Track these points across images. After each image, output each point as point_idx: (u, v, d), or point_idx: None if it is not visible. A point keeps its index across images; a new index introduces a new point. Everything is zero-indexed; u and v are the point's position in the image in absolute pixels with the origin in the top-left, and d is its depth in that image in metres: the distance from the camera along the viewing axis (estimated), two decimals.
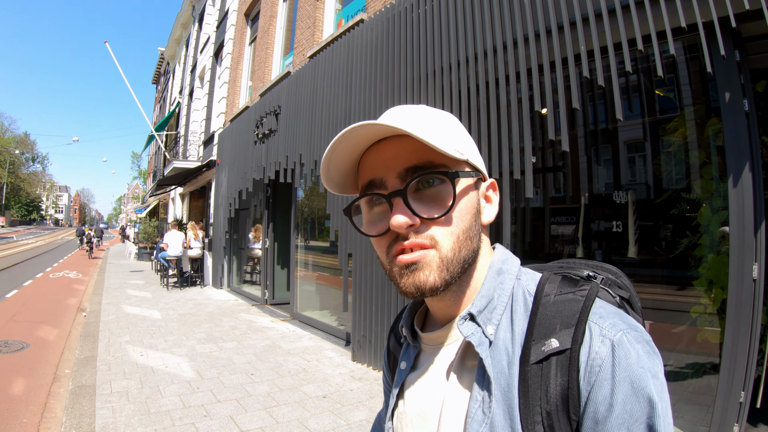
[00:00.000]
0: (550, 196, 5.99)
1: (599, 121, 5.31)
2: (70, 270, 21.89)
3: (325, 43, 8.98)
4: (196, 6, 26.39)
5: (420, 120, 0.87)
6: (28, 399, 5.96)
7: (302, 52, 10.39)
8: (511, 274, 0.92)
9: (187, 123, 23.69)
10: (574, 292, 0.83)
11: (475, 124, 5.01)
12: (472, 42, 5.25)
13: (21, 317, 10.75)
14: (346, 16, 9.63)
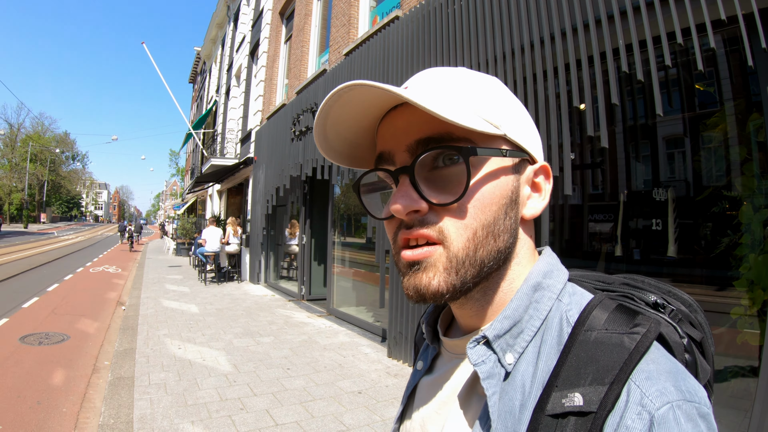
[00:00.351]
0: (588, 193, 5.94)
1: (638, 116, 5.24)
2: (110, 265, 22.41)
3: (360, 40, 9.01)
4: (231, 6, 26.69)
5: (440, 83, 0.73)
6: (68, 389, 6.14)
7: (338, 50, 10.44)
8: (551, 292, 0.73)
9: (224, 121, 23.97)
10: (626, 332, 0.62)
11: None
12: (509, 37, 5.21)
13: (62, 310, 11.05)
14: (380, 13, 9.64)
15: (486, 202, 0.69)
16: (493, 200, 0.69)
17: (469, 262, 0.68)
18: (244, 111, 19.79)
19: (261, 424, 4.80)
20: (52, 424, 5.13)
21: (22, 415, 5.32)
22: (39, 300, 12.26)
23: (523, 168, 0.74)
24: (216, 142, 23.48)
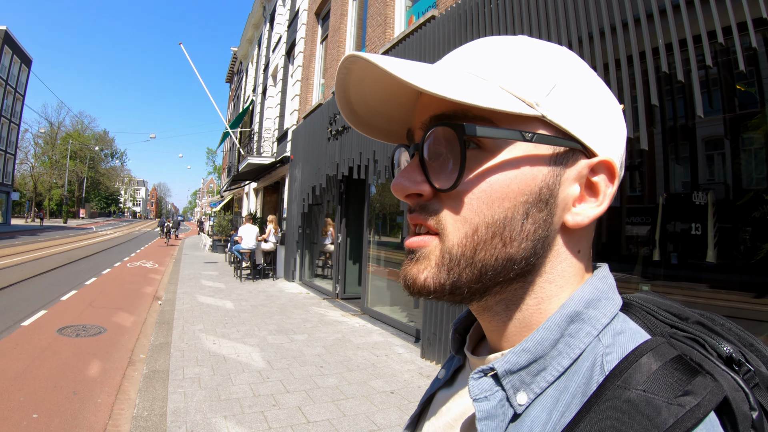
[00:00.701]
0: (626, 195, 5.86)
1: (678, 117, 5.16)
2: (147, 260, 22.71)
3: (396, 40, 9.03)
4: (267, 6, 26.93)
5: (474, 51, 0.62)
6: (104, 381, 6.26)
7: (374, 50, 10.47)
8: (591, 327, 0.58)
9: (260, 120, 24.22)
10: (669, 401, 0.47)
11: None
12: (546, 37, 5.15)
13: (99, 303, 11.27)
14: (416, 12, 9.63)
15: (495, 196, 0.56)
16: (506, 194, 0.56)
17: (464, 261, 0.58)
18: (281, 110, 19.96)
19: (293, 421, 4.85)
20: (87, 414, 5.25)
21: (58, 404, 5.45)
22: (77, 293, 12.55)
23: (572, 161, 0.59)
24: (253, 140, 23.73)
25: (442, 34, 7.09)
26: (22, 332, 8.36)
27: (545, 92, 0.56)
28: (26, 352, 7.25)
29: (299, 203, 14.32)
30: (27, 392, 5.72)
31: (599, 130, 0.59)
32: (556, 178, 0.58)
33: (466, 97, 0.52)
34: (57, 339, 8.03)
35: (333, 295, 12.48)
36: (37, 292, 12.37)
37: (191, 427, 4.66)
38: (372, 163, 8.94)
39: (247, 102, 30.61)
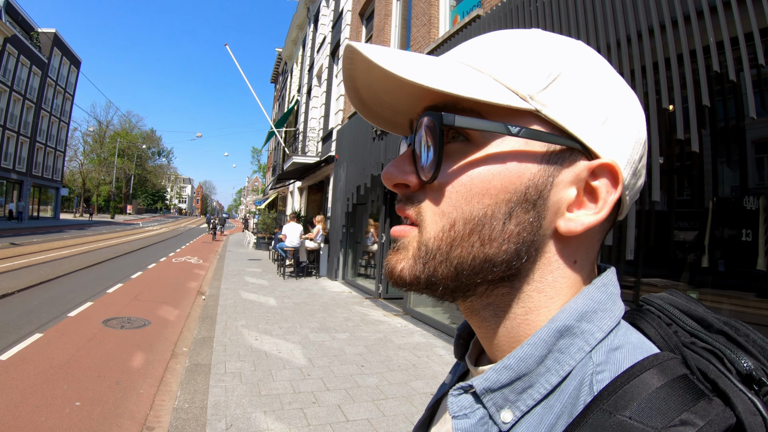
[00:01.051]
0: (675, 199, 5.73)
1: (729, 118, 5.03)
2: (192, 256, 23.02)
3: (441, 40, 9.03)
4: (311, 8, 27.14)
5: (476, 42, 0.59)
6: (146, 372, 6.40)
7: (419, 50, 10.47)
8: (584, 342, 0.52)
9: (305, 120, 24.44)
10: (671, 426, 0.42)
11: None
12: (594, 35, 5.11)
13: (144, 297, 11.49)
14: (461, 12, 9.60)
15: (475, 191, 0.53)
16: (486, 190, 0.53)
17: (440, 256, 0.55)
18: (326, 110, 20.12)
19: (332, 419, 4.86)
20: (128, 404, 5.35)
21: (100, 393, 5.57)
22: (123, 286, 12.80)
23: (569, 161, 0.54)
24: (297, 140, 23.96)
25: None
26: (68, 322, 8.58)
27: (542, 86, 0.52)
28: (72, 341, 7.44)
29: (344, 203, 14.37)
30: (71, 380, 5.87)
31: (605, 129, 0.54)
32: (548, 179, 0.53)
33: (450, 87, 0.50)
34: (102, 330, 8.24)
35: (375, 295, 12.45)
36: (84, 284, 12.72)
37: (231, 420, 4.75)
38: None
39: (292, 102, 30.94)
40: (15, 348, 6.92)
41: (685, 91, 4.27)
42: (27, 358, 6.54)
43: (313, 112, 22.73)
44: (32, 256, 18.00)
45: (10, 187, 46.63)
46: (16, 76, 44.42)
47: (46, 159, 54.06)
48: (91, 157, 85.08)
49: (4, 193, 45.50)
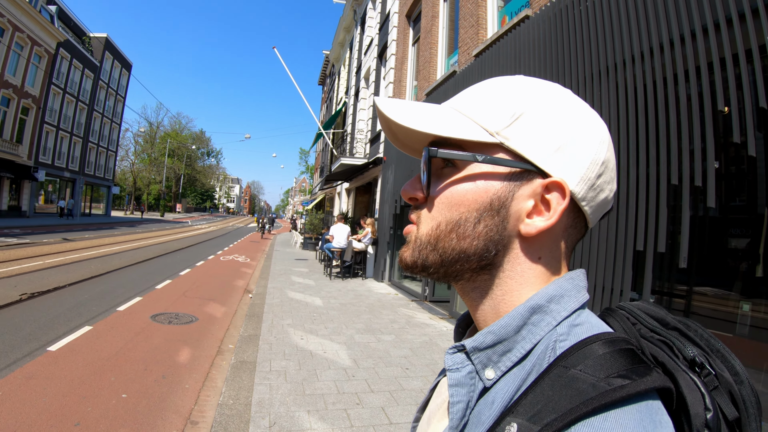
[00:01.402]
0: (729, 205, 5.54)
1: None
2: (239, 254, 23.43)
3: (490, 41, 8.97)
4: (357, 10, 27.28)
5: (466, 92, 0.78)
6: (192, 367, 6.55)
7: (467, 51, 10.43)
8: (552, 318, 0.68)
9: (353, 122, 24.53)
10: (601, 379, 0.57)
11: (653, 123, 4.80)
12: (647, 35, 5.02)
13: (192, 294, 11.78)
14: (509, 12, 9.53)
15: (453, 202, 0.72)
16: (461, 202, 0.72)
17: (430, 246, 0.74)
18: (373, 112, 20.16)
19: (375, 421, 4.89)
20: (174, 398, 5.49)
21: (147, 386, 5.73)
22: (171, 282, 13.18)
23: (527, 180, 0.71)
24: (345, 141, 24.10)
25: (536, 34, 6.99)
26: (117, 316, 8.87)
27: (506, 124, 0.70)
28: (120, 335, 7.68)
29: (391, 204, 14.39)
30: (118, 373, 6.06)
31: (557, 155, 0.69)
32: (509, 193, 0.70)
33: (437, 130, 0.71)
34: (150, 325, 8.49)
35: (422, 298, 12.43)
36: (133, 279, 13.13)
37: (274, 418, 4.81)
38: None
39: (340, 104, 31.15)
40: (65, 339, 7.18)
41: (741, 92, 4.15)
42: (76, 350, 6.79)
43: (361, 113, 22.82)
44: (84, 251, 18.61)
45: (63, 185, 48.48)
46: (70, 79, 46.16)
47: (99, 158, 56.02)
48: (142, 157, 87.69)
49: (57, 191, 47.30)
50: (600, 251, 5.30)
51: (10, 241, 19.91)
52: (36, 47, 38.71)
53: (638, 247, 4.81)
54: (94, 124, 53.72)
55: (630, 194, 4.95)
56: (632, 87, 5.11)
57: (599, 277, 5.27)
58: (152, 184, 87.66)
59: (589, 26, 5.90)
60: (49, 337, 7.20)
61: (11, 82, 36.02)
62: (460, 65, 10.66)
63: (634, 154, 4.95)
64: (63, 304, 9.37)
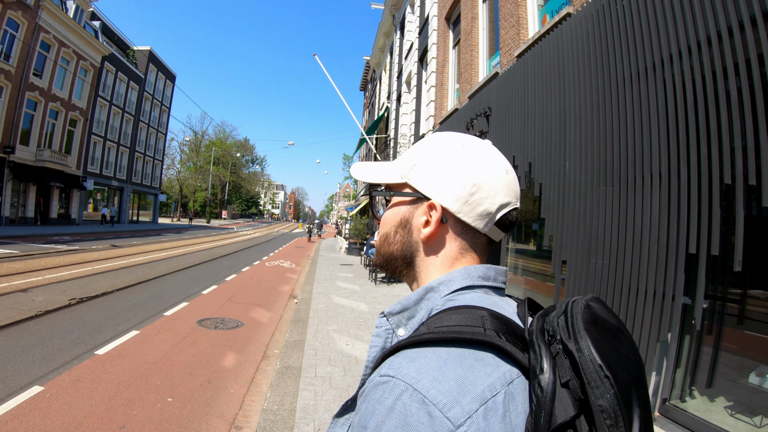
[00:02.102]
0: None
1: None
2: (285, 260, 23.81)
3: (531, 41, 8.82)
4: (396, 15, 27.35)
5: (407, 152, 1.12)
6: (238, 372, 6.62)
7: (508, 52, 10.29)
8: (438, 294, 0.95)
9: (396, 126, 24.57)
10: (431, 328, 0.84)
11: (703, 120, 4.61)
12: (693, 28, 4.84)
13: (238, 299, 11.97)
14: (550, 11, 9.37)
15: (386, 221, 1.08)
16: (388, 221, 1.07)
17: (381, 251, 1.09)
18: (416, 116, 20.15)
19: None
20: (219, 402, 5.55)
21: (192, 391, 5.81)
22: (217, 288, 13.42)
23: (421, 203, 1.02)
24: (389, 146, 24.13)
25: (579, 32, 6.83)
26: (164, 321, 9.07)
27: (408, 169, 1.04)
28: (166, 339, 7.82)
29: None
30: (164, 377, 6.17)
31: (436, 185, 1.00)
32: (411, 213, 1.03)
33: (372, 179, 1.10)
34: (196, 329, 8.63)
35: None
36: (180, 285, 13.42)
37: (319, 425, 4.81)
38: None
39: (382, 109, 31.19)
40: (112, 343, 7.37)
41: None
42: (123, 354, 6.95)
43: (404, 118, 22.81)
44: (131, 257, 19.16)
45: (111, 193, 50.27)
46: (115, 92, 47.87)
47: (145, 167, 57.77)
48: (188, 165, 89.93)
49: (105, 199, 48.97)
50: (651, 255, 5.12)
51: (60, 248, 20.62)
52: (82, 61, 40.23)
53: (690, 250, 4.63)
54: (141, 134, 55.47)
55: (681, 195, 4.77)
56: (680, 83, 4.93)
57: (650, 282, 5.09)
58: (198, 191, 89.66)
59: (633, 22, 5.73)
60: (97, 341, 7.41)
61: (59, 95, 37.53)
62: (502, 66, 10.52)
63: (684, 153, 4.77)
64: (111, 309, 9.65)
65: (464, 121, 11.65)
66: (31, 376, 5.84)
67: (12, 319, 8.18)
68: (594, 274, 6.11)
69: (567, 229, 6.75)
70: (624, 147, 5.68)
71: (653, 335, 5.03)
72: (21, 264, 14.65)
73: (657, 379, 5.16)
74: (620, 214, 5.68)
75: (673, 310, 4.80)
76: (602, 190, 6.04)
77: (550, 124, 7.38)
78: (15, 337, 7.28)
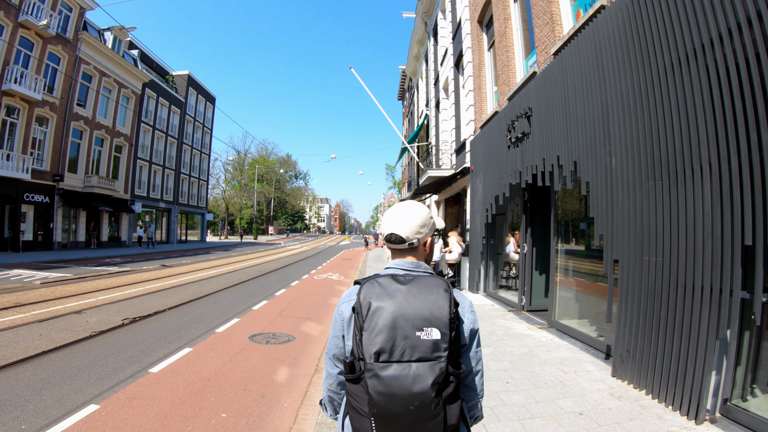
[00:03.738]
0: None
1: None
2: (333, 272, 23.86)
3: (567, 37, 8.67)
4: (428, 22, 27.38)
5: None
6: (291, 386, 6.59)
7: (545, 50, 10.14)
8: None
9: (436, 133, 24.51)
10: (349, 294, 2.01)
11: (750, 105, 4.42)
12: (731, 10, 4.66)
13: (288, 313, 12.01)
14: (583, 5, 9.20)
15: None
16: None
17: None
18: (456, 122, 20.05)
19: None
20: (272, 417, 5.52)
21: (246, 406, 5.80)
22: (267, 303, 13.50)
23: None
24: (431, 154, 24.03)
25: (615, 23, 6.70)
26: (216, 338, 9.12)
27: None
28: (219, 356, 7.87)
29: (482, 214, 14.15)
30: (218, 393, 6.18)
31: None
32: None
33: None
34: (248, 345, 8.66)
35: (518, 307, 12.04)
36: (230, 301, 13.57)
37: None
38: (557, 168, 8.62)
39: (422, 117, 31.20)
40: (166, 361, 7.45)
41: None
42: (177, 371, 7.01)
43: (444, 124, 22.74)
44: (181, 276, 19.50)
45: (159, 215, 51.51)
46: (158, 116, 49.22)
47: (191, 188, 59.07)
48: (233, 184, 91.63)
49: (154, 221, 50.11)
50: (705, 250, 4.95)
51: (111, 270, 21.19)
52: (123, 89, 41.56)
53: (746, 241, 4.44)
54: (185, 155, 56.70)
55: (734, 185, 4.60)
56: (724, 68, 4.78)
57: (706, 277, 4.93)
58: (244, 209, 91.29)
59: (669, 7, 5.61)
60: (151, 360, 7.53)
61: (103, 123, 38.86)
62: (540, 65, 10.35)
63: (734, 141, 4.61)
64: (163, 328, 9.82)
65: (505, 123, 11.54)
66: (87, 395, 5.95)
67: (67, 340, 8.30)
68: (647, 272, 5.93)
69: (617, 227, 6.58)
70: (671, 139, 5.52)
71: (711, 332, 4.85)
72: (74, 287, 14.99)
73: (717, 378, 4.95)
74: (671, 209, 5.51)
75: (732, 305, 4.63)
76: (651, 185, 5.87)
77: (593, 120, 7.24)
78: (70, 357, 7.45)
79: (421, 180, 21.84)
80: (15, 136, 29.49)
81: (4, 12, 27.56)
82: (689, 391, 5.08)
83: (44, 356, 7.40)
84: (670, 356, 5.44)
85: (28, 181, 29.89)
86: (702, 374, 4.96)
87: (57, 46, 32.43)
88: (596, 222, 7.15)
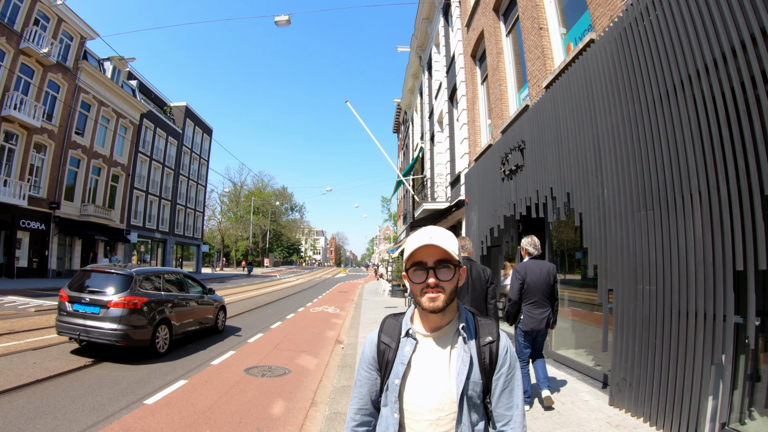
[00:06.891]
0: None
1: None
2: (328, 305, 23.87)
3: (558, 70, 8.83)
4: (422, 56, 27.77)
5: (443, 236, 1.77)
6: (287, 419, 6.56)
7: (537, 84, 10.31)
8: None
9: (431, 166, 24.66)
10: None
11: (737, 132, 4.52)
12: (716, 41, 4.79)
13: (284, 346, 11.96)
14: (573, 39, 9.39)
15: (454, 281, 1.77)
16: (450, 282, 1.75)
17: (450, 298, 1.74)
18: (451, 155, 20.19)
19: None
20: None
21: None
22: (263, 336, 13.47)
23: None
24: (426, 186, 24.14)
25: (604, 57, 6.84)
26: (211, 370, 9.07)
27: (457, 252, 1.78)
28: (215, 388, 7.83)
29: (478, 246, 14.15)
30: (213, 426, 6.14)
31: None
32: (457, 275, 1.79)
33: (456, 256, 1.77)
34: (244, 378, 8.62)
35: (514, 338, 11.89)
36: (225, 334, 13.50)
37: None
38: (550, 200, 8.70)
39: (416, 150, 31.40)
40: (161, 393, 7.39)
41: None
42: (172, 403, 6.97)
43: (439, 157, 22.91)
44: None
45: (154, 245, 51.62)
46: (155, 147, 49.49)
47: (187, 219, 59.01)
48: (228, 216, 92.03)
49: (149, 251, 50.10)
50: (698, 276, 5.00)
51: None
52: (121, 119, 41.93)
53: (738, 267, 4.50)
54: (181, 186, 56.87)
55: (723, 212, 4.67)
56: (710, 98, 4.88)
57: (699, 303, 4.96)
58: (239, 240, 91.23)
59: (656, 41, 5.74)
60: (146, 391, 7.47)
61: (100, 152, 39.06)
62: (532, 98, 10.52)
63: (722, 168, 4.69)
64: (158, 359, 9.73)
65: (499, 156, 11.63)
66: (81, 425, 5.90)
67: (61, 369, 8.29)
68: (642, 300, 5.97)
69: (611, 257, 6.64)
70: (660, 168, 5.61)
71: (707, 358, 4.87)
72: None
73: (714, 403, 4.94)
74: (663, 237, 5.57)
75: (726, 330, 4.66)
76: (643, 215, 5.95)
77: (585, 151, 7.34)
78: (65, 386, 7.41)
79: (417, 213, 21.93)
80: (13, 162, 29.72)
81: (6, 38, 28.03)
82: (686, 416, 5.08)
83: (38, 385, 7.38)
84: (666, 383, 5.44)
85: (24, 207, 30.00)
86: (699, 399, 4.96)
87: (57, 74, 32.86)
88: (590, 252, 7.20)
